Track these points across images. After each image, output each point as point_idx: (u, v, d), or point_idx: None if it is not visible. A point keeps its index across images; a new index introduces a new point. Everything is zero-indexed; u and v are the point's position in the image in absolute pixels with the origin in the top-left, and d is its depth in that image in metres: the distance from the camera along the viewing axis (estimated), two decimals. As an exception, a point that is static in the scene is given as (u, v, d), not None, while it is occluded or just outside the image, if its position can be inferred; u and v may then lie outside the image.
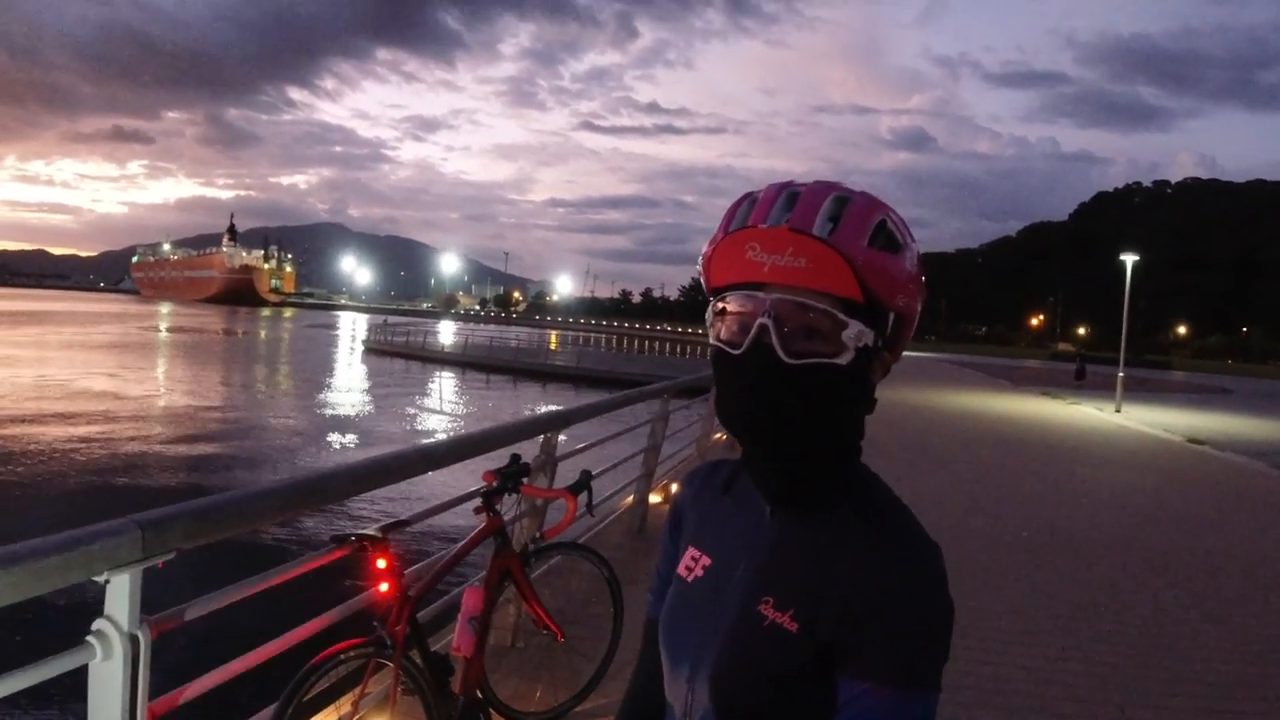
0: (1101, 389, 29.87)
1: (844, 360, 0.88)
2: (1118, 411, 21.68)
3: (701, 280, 0.98)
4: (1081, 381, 36.30)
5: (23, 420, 18.84)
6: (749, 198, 0.94)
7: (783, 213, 0.88)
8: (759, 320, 0.88)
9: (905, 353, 0.99)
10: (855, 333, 0.88)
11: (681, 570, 1.03)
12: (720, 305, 0.93)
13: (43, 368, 31.22)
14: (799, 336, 0.88)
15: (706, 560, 1.01)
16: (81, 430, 18.14)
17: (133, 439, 17.60)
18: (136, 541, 1.69)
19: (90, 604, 1.79)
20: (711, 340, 0.94)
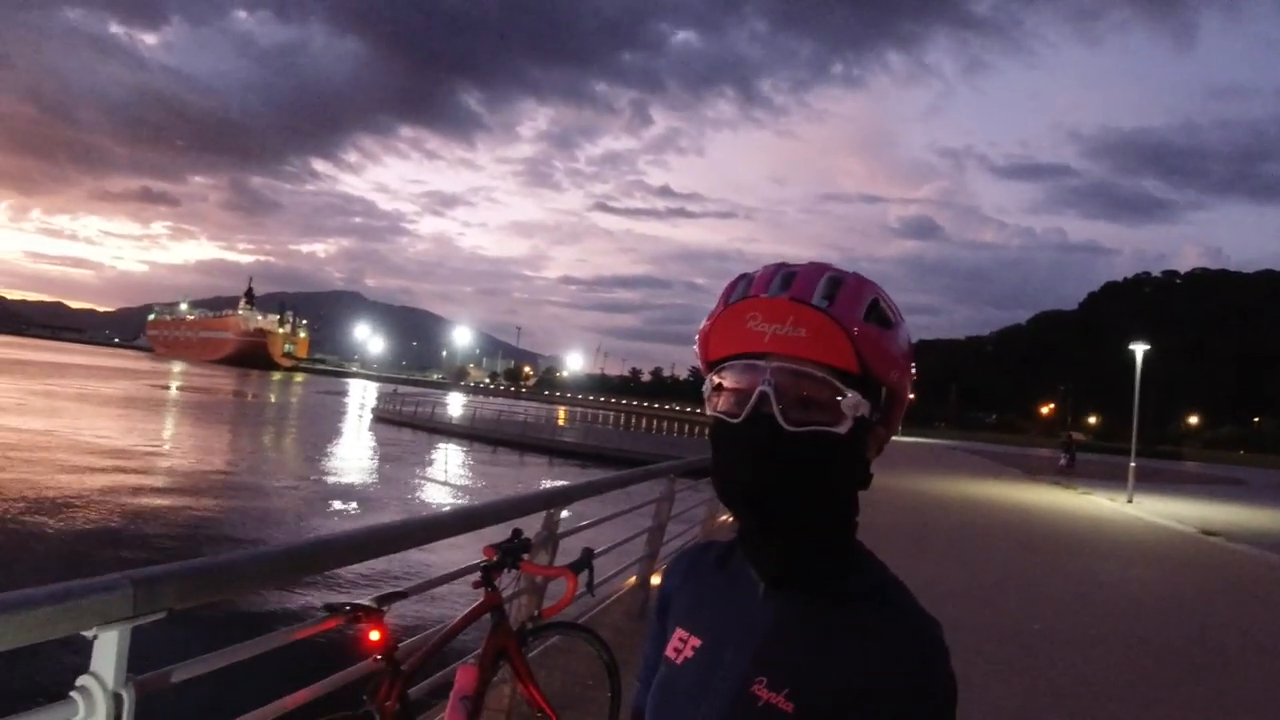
0: (1105, 478, 29.52)
1: (843, 429, 0.89)
2: (1130, 502, 21.41)
3: (698, 356, 0.98)
4: (1071, 469, 35.41)
5: (23, 472, 18.80)
6: (745, 277, 0.96)
7: (781, 288, 0.91)
8: (759, 388, 0.88)
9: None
10: (853, 402, 0.88)
11: (669, 653, 1.00)
12: (717, 380, 0.93)
13: (52, 419, 31.31)
14: (798, 405, 0.88)
15: (696, 641, 0.98)
16: (85, 483, 18.08)
17: (135, 496, 17.51)
18: (128, 598, 1.67)
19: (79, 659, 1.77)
20: (709, 412, 0.94)
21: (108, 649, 1.69)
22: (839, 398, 0.88)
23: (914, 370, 0.98)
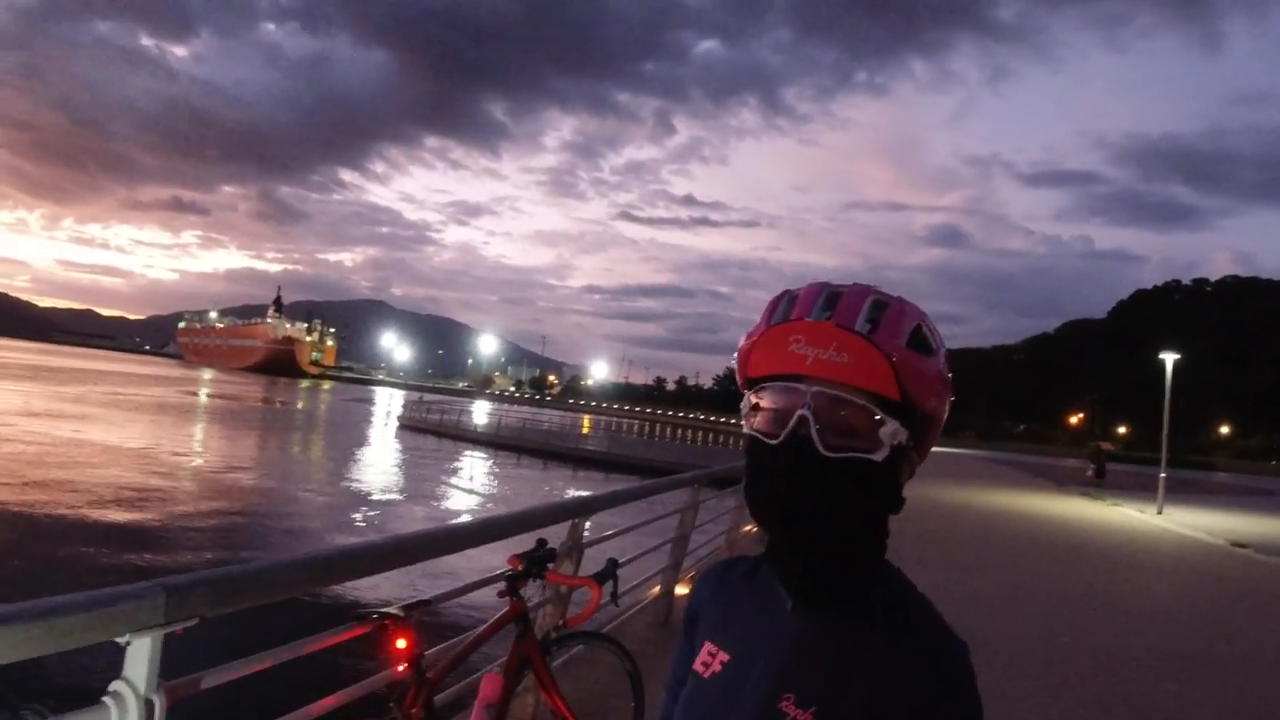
0: (1134, 489, 29.10)
1: (879, 457, 0.89)
2: (1159, 514, 21.09)
3: (736, 372, 0.99)
4: (1102, 480, 34.80)
5: (52, 480, 19.07)
6: (789, 295, 0.96)
7: (824, 310, 0.91)
8: (799, 412, 0.89)
9: (943, 449, 1.00)
10: (891, 430, 0.89)
11: (698, 667, 1.00)
12: (755, 399, 0.94)
13: (84, 425, 31.79)
14: (836, 431, 0.89)
15: (724, 656, 0.98)
16: (117, 490, 18.32)
17: (164, 501, 17.73)
18: (160, 605, 1.69)
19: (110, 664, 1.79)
20: (746, 430, 0.95)
21: (140, 655, 1.71)
22: (878, 425, 0.89)
23: (951, 391, 0.98)
